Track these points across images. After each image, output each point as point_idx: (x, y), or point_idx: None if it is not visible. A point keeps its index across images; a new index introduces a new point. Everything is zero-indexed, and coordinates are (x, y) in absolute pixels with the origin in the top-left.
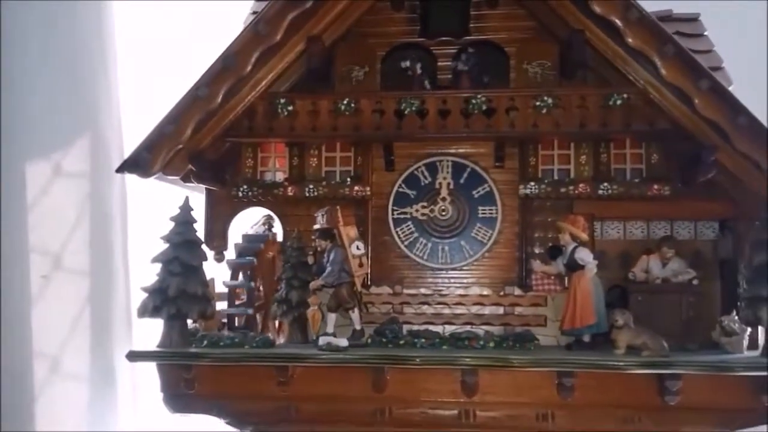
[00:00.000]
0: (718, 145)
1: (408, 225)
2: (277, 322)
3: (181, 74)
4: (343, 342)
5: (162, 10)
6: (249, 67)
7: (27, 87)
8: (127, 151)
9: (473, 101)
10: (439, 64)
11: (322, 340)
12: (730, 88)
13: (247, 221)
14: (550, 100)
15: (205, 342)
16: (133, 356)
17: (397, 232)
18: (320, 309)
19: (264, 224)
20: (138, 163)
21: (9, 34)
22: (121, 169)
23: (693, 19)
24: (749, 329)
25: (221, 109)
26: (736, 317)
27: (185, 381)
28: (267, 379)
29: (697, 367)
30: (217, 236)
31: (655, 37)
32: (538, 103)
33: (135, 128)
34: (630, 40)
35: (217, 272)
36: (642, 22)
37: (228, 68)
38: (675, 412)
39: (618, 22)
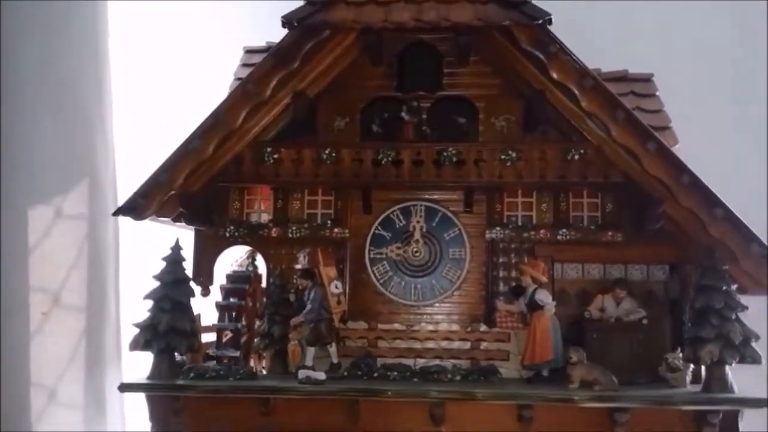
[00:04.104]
0: (665, 198)
1: (383, 264)
2: (258, 355)
3: (172, 124)
4: (321, 375)
5: (156, 62)
6: (239, 122)
7: (30, 138)
8: (121, 193)
9: (444, 153)
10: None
11: (301, 374)
12: (675, 147)
13: (232, 256)
14: (514, 154)
15: (192, 374)
16: (125, 388)
17: (373, 270)
18: (300, 344)
19: (248, 258)
20: (133, 208)
21: (12, 91)
22: (117, 213)
23: (646, 79)
24: (692, 366)
25: (212, 157)
26: (681, 354)
27: (173, 411)
28: (250, 410)
29: (643, 401)
30: (204, 273)
31: (607, 102)
32: (503, 156)
33: (129, 173)
34: (584, 104)
35: (204, 306)
36: (596, 89)
37: (219, 123)
38: None
39: (574, 88)
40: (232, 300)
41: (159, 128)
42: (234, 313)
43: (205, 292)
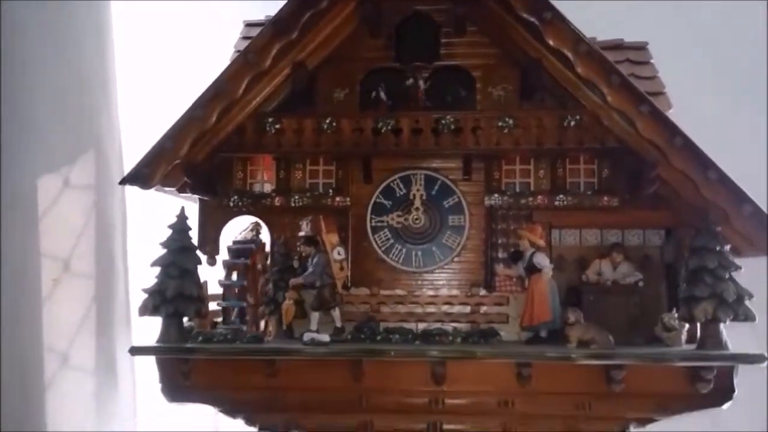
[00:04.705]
0: (659, 162)
1: (385, 232)
2: (264, 321)
3: (172, 99)
4: (325, 338)
5: (159, 34)
6: (240, 91)
7: (37, 112)
8: (126, 165)
9: (443, 121)
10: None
11: (306, 336)
12: (670, 111)
13: (237, 228)
14: (511, 121)
15: (200, 338)
16: (135, 351)
17: (374, 238)
18: (303, 307)
19: (252, 230)
20: (139, 177)
21: (17, 65)
22: (123, 182)
23: (641, 47)
24: (687, 325)
25: (215, 127)
26: (676, 314)
27: (182, 373)
28: (256, 372)
29: (638, 359)
30: (209, 242)
31: (602, 67)
32: (500, 124)
33: (133, 144)
34: (580, 70)
35: (210, 275)
36: (590, 54)
37: (221, 93)
38: (620, 398)
39: (569, 54)
40: (240, 259)
41: (162, 101)
42: (241, 273)
43: (212, 261)
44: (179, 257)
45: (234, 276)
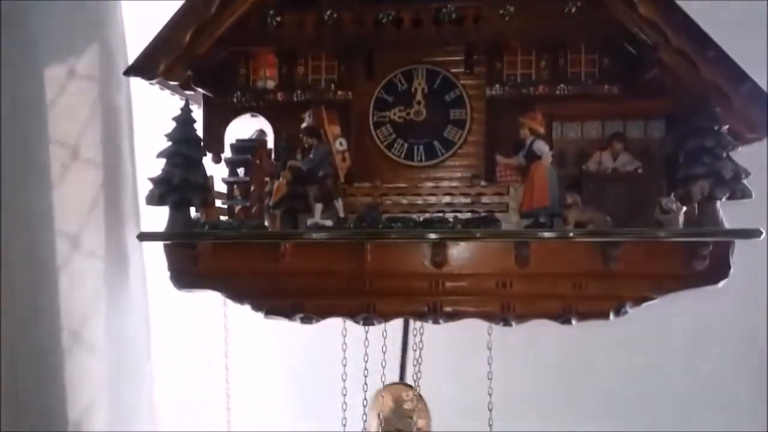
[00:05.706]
0: (659, 44)
1: (387, 127)
2: (270, 215)
3: None
4: (329, 222)
5: None
6: None
7: (44, 5)
8: (130, 58)
9: (443, 11)
10: None
11: (309, 221)
12: None
13: (242, 134)
14: (512, 8)
15: (207, 227)
16: (143, 237)
17: (376, 134)
18: (308, 202)
19: (257, 136)
20: (142, 68)
21: None
22: (127, 73)
23: None
24: (684, 208)
25: (216, 18)
26: (674, 197)
27: (189, 260)
28: (262, 256)
29: (635, 235)
30: (214, 140)
31: None
32: (501, 12)
33: (136, 37)
34: None
35: (215, 173)
36: None
37: None
38: (617, 278)
39: None
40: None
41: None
42: (244, 169)
43: (216, 159)
44: (184, 147)
45: (240, 174)
